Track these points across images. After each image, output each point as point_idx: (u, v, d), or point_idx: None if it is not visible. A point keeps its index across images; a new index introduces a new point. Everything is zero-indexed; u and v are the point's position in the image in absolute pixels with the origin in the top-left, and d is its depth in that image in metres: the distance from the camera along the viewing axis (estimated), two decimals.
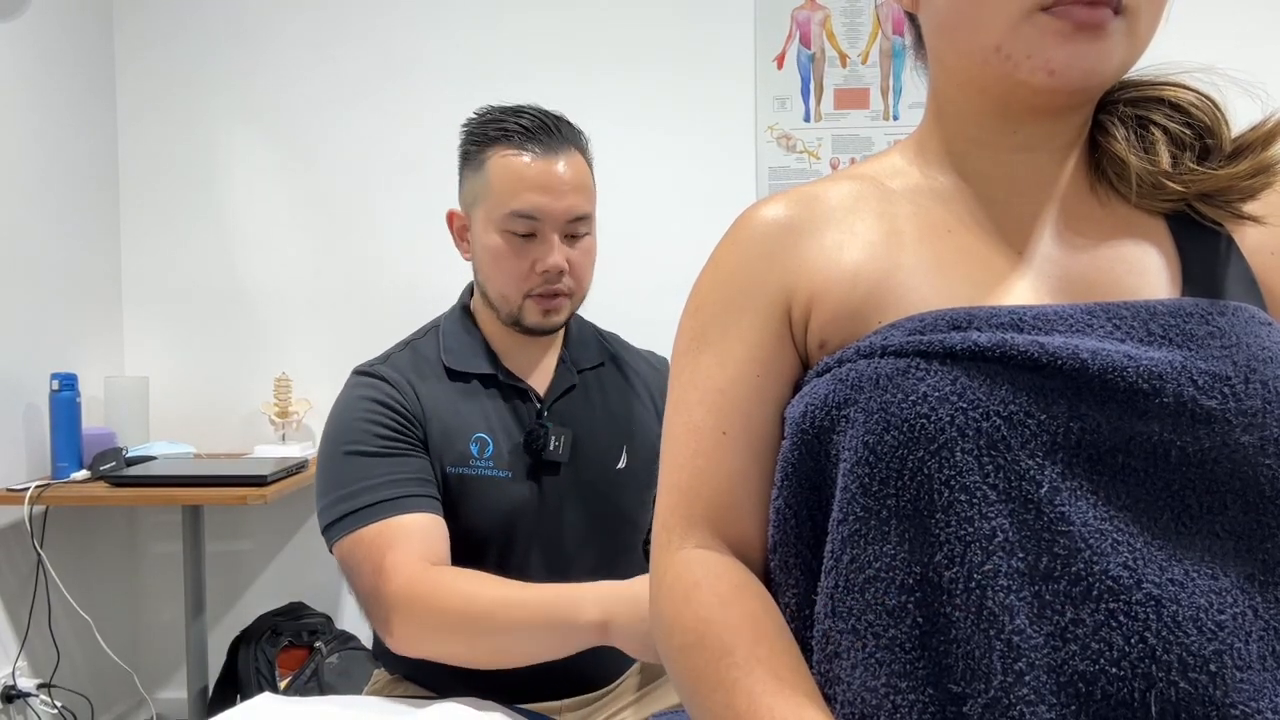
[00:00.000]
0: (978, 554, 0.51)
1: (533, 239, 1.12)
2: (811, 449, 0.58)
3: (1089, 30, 0.55)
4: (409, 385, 1.12)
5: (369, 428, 1.08)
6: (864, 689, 0.53)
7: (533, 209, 1.11)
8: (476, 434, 1.12)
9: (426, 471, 1.08)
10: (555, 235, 1.13)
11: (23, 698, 2.04)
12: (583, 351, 1.25)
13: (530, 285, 1.13)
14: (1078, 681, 0.48)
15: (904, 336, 0.56)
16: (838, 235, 0.64)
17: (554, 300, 1.15)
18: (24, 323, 2.12)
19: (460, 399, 1.14)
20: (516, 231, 1.12)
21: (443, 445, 1.11)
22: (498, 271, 1.14)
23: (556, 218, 1.12)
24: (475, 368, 1.16)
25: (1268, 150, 0.60)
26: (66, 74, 2.29)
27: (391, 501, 1.03)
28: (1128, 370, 0.52)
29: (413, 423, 1.10)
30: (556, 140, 1.13)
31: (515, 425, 1.15)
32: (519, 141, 1.12)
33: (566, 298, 1.16)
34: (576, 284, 1.17)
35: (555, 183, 1.12)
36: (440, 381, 1.15)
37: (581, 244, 1.16)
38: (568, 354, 1.23)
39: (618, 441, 1.20)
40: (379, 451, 1.06)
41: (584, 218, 1.15)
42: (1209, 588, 0.50)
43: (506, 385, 1.17)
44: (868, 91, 2.51)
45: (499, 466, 1.12)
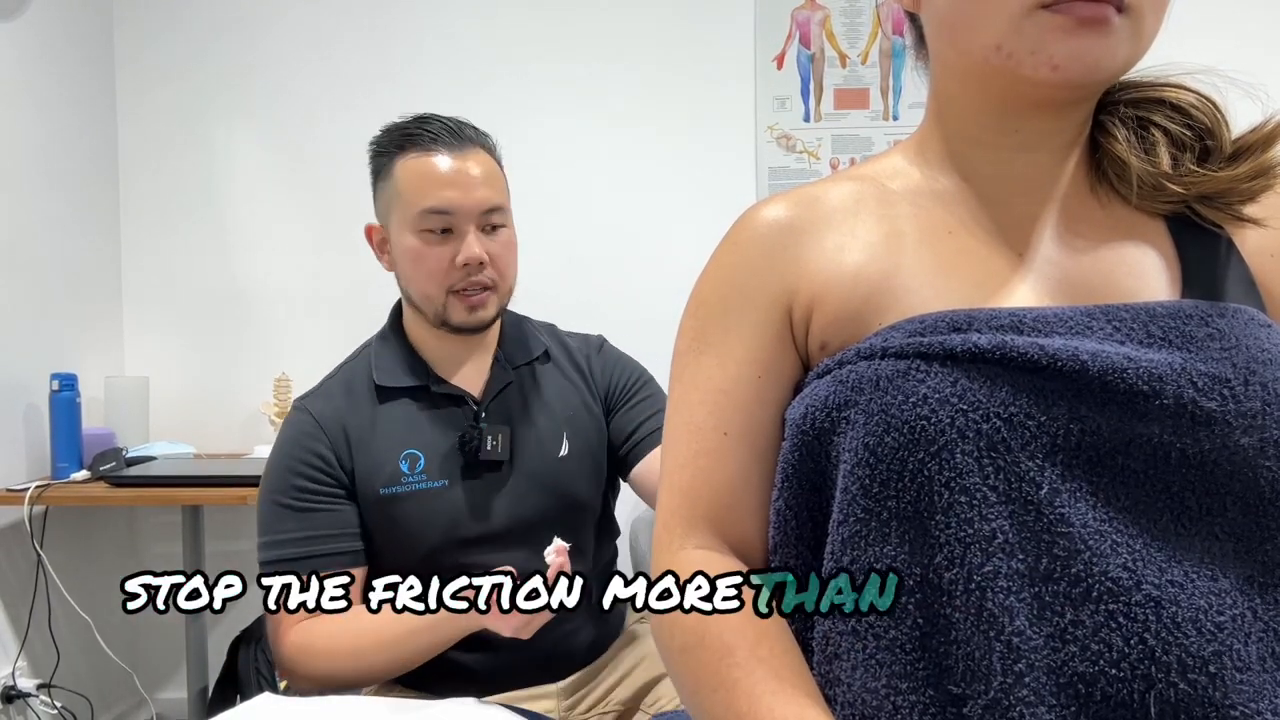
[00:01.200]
0: (978, 555, 0.51)
1: (449, 235, 1.13)
2: (812, 450, 0.58)
3: (1091, 25, 0.54)
4: (336, 420, 1.14)
5: (290, 479, 1.12)
6: (864, 690, 0.53)
7: (445, 204, 1.12)
8: (406, 450, 1.14)
9: (335, 523, 1.11)
10: (471, 228, 1.13)
11: (23, 698, 2.04)
12: (517, 347, 1.25)
13: (452, 280, 1.14)
14: (1077, 683, 0.48)
15: (904, 338, 0.56)
16: (838, 237, 0.64)
17: (479, 295, 1.15)
18: (24, 323, 2.12)
19: (389, 420, 1.16)
20: (432, 229, 1.13)
21: (372, 471, 1.13)
22: (418, 272, 1.14)
23: (469, 211, 1.13)
24: (405, 381, 1.18)
25: (1268, 152, 0.60)
26: (66, 73, 2.29)
27: (294, 560, 1.10)
28: (1128, 372, 0.52)
29: (333, 466, 1.13)
30: (462, 141, 1.15)
31: (448, 431, 1.16)
32: (425, 145, 1.14)
33: (491, 291, 1.16)
34: (500, 276, 1.17)
35: (464, 178, 1.13)
36: (370, 405, 1.16)
37: (500, 236, 1.16)
38: (502, 352, 1.23)
39: (557, 430, 1.21)
40: (294, 505, 1.11)
41: (498, 209, 1.15)
42: (1208, 589, 0.50)
43: (439, 395, 1.18)
44: (868, 91, 2.51)
45: (432, 477, 1.14)
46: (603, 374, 1.28)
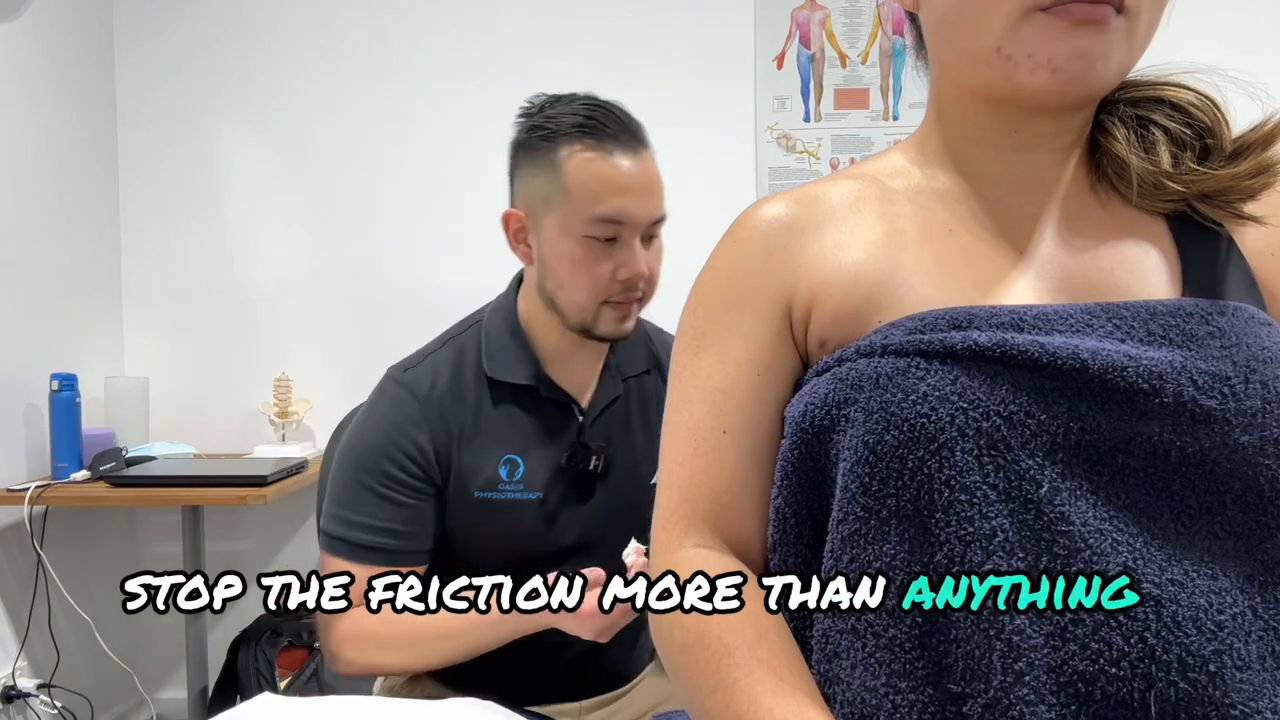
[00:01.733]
0: (978, 554, 0.51)
1: (613, 244, 1.07)
2: (811, 448, 0.58)
3: (1089, 25, 0.54)
4: (440, 409, 1.09)
5: (382, 463, 1.07)
6: (863, 688, 0.53)
7: (620, 213, 1.05)
8: (506, 456, 1.10)
9: (422, 520, 1.08)
10: (638, 240, 1.07)
11: (23, 698, 2.04)
12: (630, 357, 1.20)
13: (610, 293, 1.08)
14: (1077, 681, 0.48)
15: (904, 336, 0.56)
16: (838, 235, 0.64)
17: (630, 306, 1.10)
18: (24, 323, 2.12)
19: (494, 416, 1.11)
20: (599, 237, 1.06)
21: (470, 472, 1.09)
22: (576, 279, 1.07)
23: (642, 221, 1.07)
24: (516, 377, 1.12)
25: (1268, 150, 0.60)
26: (66, 73, 2.29)
27: (370, 549, 1.07)
28: (1128, 370, 0.52)
29: (430, 461, 1.08)
30: (637, 141, 1.08)
31: (551, 442, 1.12)
32: (602, 140, 1.05)
33: (639, 302, 1.11)
34: (650, 288, 1.12)
35: (640, 185, 1.06)
36: (476, 397, 1.11)
37: (654, 246, 1.12)
38: (614, 361, 1.18)
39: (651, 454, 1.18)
40: (382, 493, 1.07)
41: (662, 219, 1.10)
42: (1209, 588, 0.50)
43: (547, 399, 1.13)
44: (867, 91, 2.51)
45: (529, 488, 1.10)
46: None
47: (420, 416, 1.08)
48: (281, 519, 2.52)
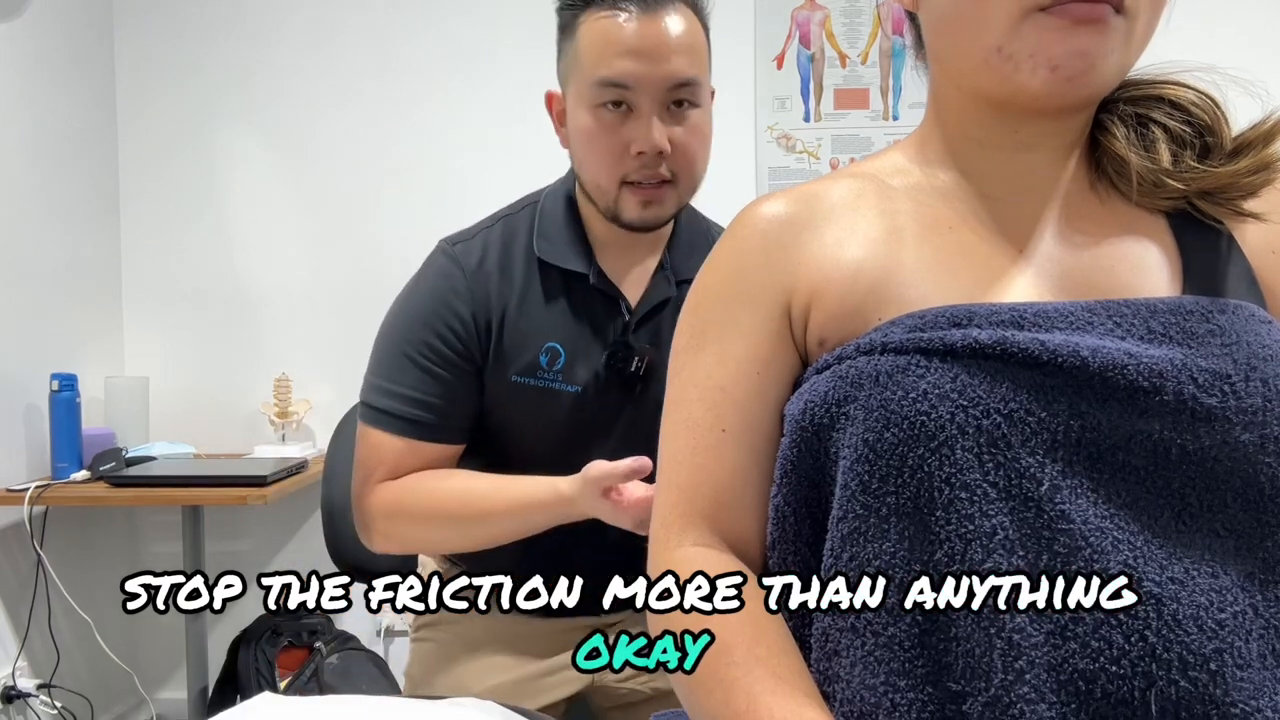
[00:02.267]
0: (978, 552, 0.51)
1: (629, 114, 0.97)
2: (811, 446, 0.58)
3: (1089, 24, 0.54)
4: (487, 284, 1.05)
5: (424, 334, 1.04)
6: (863, 687, 0.53)
7: (622, 75, 0.95)
8: (549, 343, 1.05)
9: (461, 396, 1.05)
10: (652, 108, 0.96)
11: (23, 698, 2.04)
12: (687, 258, 1.10)
13: (625, 170, 0.99)
14: (1078, 680, 0.48)
15: (904, 333, 0.56)
16: (838, 232, 0.63)
17: (656, 190, 1.00)
18: (24, 323, 2.12)
19: (540, 300, 1.06)
20: (606, 104, 0.97)
21: (510, 354, 1.05)
22: (589, 155, 1.00)
23: (653, 85, 0.95)
24: (567, 263, 1.06)
25: (1268, 148, 0.60)
26: (66, 74, 2.29)
27: (409, 421, 1.04)
28: (1128, 368, 0.52)
29: (471, 335, 1.04)
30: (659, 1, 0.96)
31: (595, 337, 1.06)
32: (614, 2, 0.96)
33: (670, 186, 1.00)
34: (683, 170, 1.01)
35: (651, 44, 0.95)
36: (524, 276, 1.06)
37: (689, 119, 0.99)
38: (669, 259, 1.09)
39: None
40: (423, 365, 1.04)
41: (688, 83, 0.97)
42: (1209, 586, 0.50)
43: (596, 290, 1.06)
44: (867, 91, 2.51)
45: (568, 380, 1.05)
46: None
47: (466, 290, 1.04)
48: (281, 519, 2.52)
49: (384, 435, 1.05)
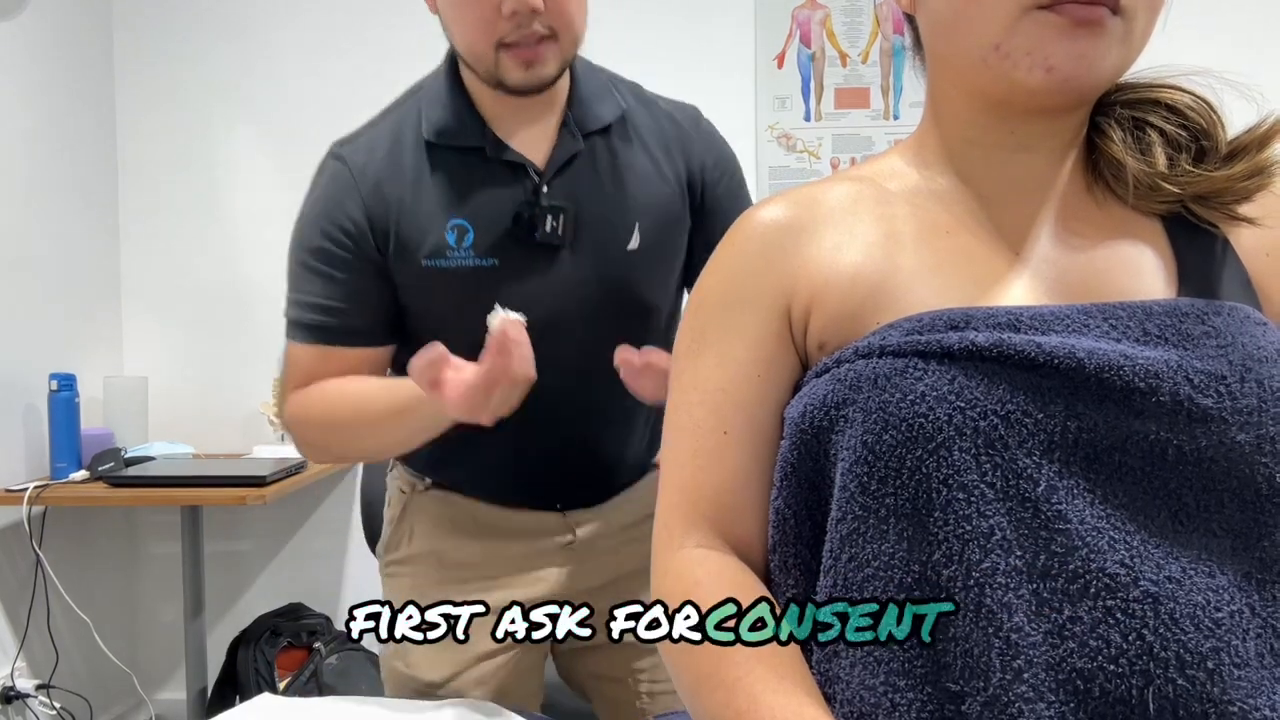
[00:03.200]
0: (976, 552, 0.51)
1: None
2: (810, 449, 0.59)
3: (1087, 26, 0.55)
4: (376, 177, 1.02)
5: (318, 240, 1.02)
6: (863, 687, 0.53)
7: None
8: (454, 220, 1.00)
9: (364, 297, 1.02)
10: None
11: (22, 698, 2.04)
12: (590, 109, 1.05)
13: (500, 33, 0.94)
14: (1076, 679, 0.49)
15: (902, 336, 0.56)
16: (837, 236, 0.64)
17: (535, 49, 0.95)
18: (24, 323, 2.12)
19: (437, 182, 1.02)
20: None
21: (415, 239, 1.01)
22: (460, 21, 0.96)
23: None
24: (459, 140, 1.02)
25: (1263, 152, 0.60)
26: (66, 74, 2.30)
27: (313, 328, 1.03)
28: (1124, 369, 0.52)
29: (365, 232, 1.01)
30: None
31: (506, 207, 1.01)
32: None
33: (551, 41, 0.96)
34: (561, 24, 0.96)
35: None
36: (416, 163, 1.02)
37: None
38: (571, 115, 1.04)
39: (629, 217, 1.04)
40: (321, 270, 1.02)
41: None
42: (1206, 585, 0.50)
43: (495, 160, 1.02)
44: (868, 91, 2.51)
45: (481, 254, 1.00)
46: (697, 155, 1.10)
47: (354, 188, 1.02)
48: (281, 519, 2.52)
49: (295, 346, 1.06)
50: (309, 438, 1.06)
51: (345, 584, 2.54)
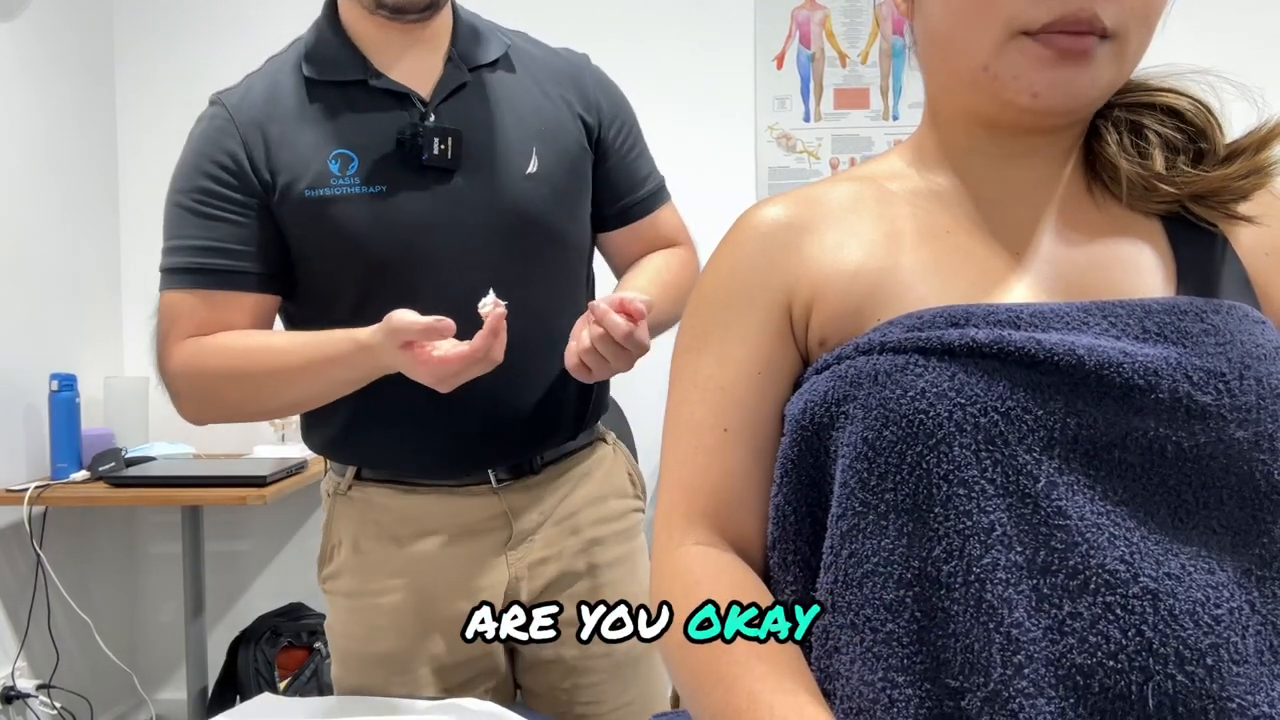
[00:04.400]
0: (976, 548, 0.51)
1: None
2: (811, 445, 0.59)
3: (1073, 58, 0.55)
4: (254, 116, 1.01)
5: (196, 179, 1.01)
6: (862, 683, 0.53)
7: None
8: (336, 150, 0.99)
9: (249, 237, 0.99)
10: None
11: (22, 698, 2.04)
12: (473, 45, 1.05)
13: None
14: (1076, 674, 0.49)
15: (902, 333, 0.57)
16: (838, 235, 0.64)
17: None
18: (24, 323, 2.12)
19: (318, 116, 1.00)
20: None
21: (296, 172, 0.99)
22: None
23: None
24: (339, 73, 1.01)
25: (1261, 153, 0.60)
26: (66, 73, 2.30)
27: (197, 271, 1.01)
28: (1124, 366, 0.53)
29: (245, 170, 0.99)
30: None
31: (391, 133, 0.99)
32: None
33: None
34: None
35: None
36: (297, 101, 1.01)
37: None
38: (455, 51, 1.04)
39: (525, 143, 1.03)
40: (202, 210, 1.00)
41: None
42: (1206, 581, 0.50)
43: (379, 91, 1.01)
44: (868, 91, 2.51)
45: (368, 182, 0.98)
46: (590, 92, 1.10)
47: (231, 125, 1.01)
48: (281, 519, 2.52)
49: (175, 294, 1.03)
50: (198, 390, 1.00)
51: None
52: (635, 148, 1.14)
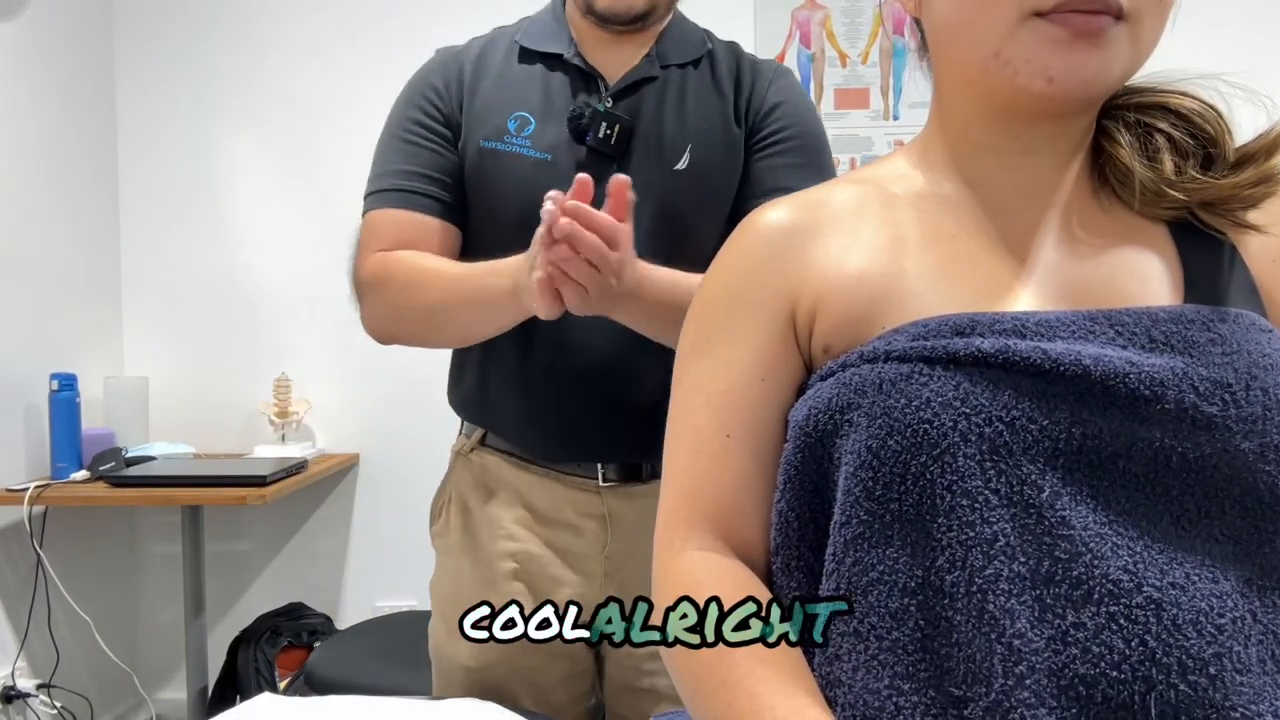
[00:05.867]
0: (979, 558, 0.51)
1: None
2: (814, 452, 0.59)
3: (1087, 38, 0.55)
4: (462, 58, 1.10)
5: (408, 111, 1.09)
6: (866, 691, 0.53)
7: None
8: (518, 111, 1.06)
9: (437, 166, 1.07)
10: None
11: (22, 698, 2.04)
12: (675, 45, 1.10)
13: None
14: (1078, 684, 0.49)
15: (908, 341, 0.56)
16: (842, 240, 0.64)
17: None
18: (24, 323, 2.12)
19: (515, 75, 1.08)
20: None
21: (479, 119, 1.07)
22: None
23: None
24: (545, 46, 1.09)
25: (1271, 159, 0.60)
26: (66, 73, 2.29)
27: (399, 191, 1.06)
28: (1129, 376, 0.52)
29: (446, 102, 1.07)
30: None
31: (568, 106, 1.06)
32: None
33: None
34: None
35: None
36: (504, 59, 1.10)
37: None
38: (657, 49, 1.09)
39: (682, 140, 1.07)
40: (409, 139, 1.08)
41: None
42: (1209, 591, 0.50)
43: (573, 67, 1.07)
44: (868, 91, 2.51)
45: (537, 147, 1.05)
46: (762, 93, 1.11)
47: (441, 66, 1.10)
48: (281, 519, 2.52)
49: (377, 213, 1.07)
50: (386, 297, 1.04)
51: (345, 584, 2.54)
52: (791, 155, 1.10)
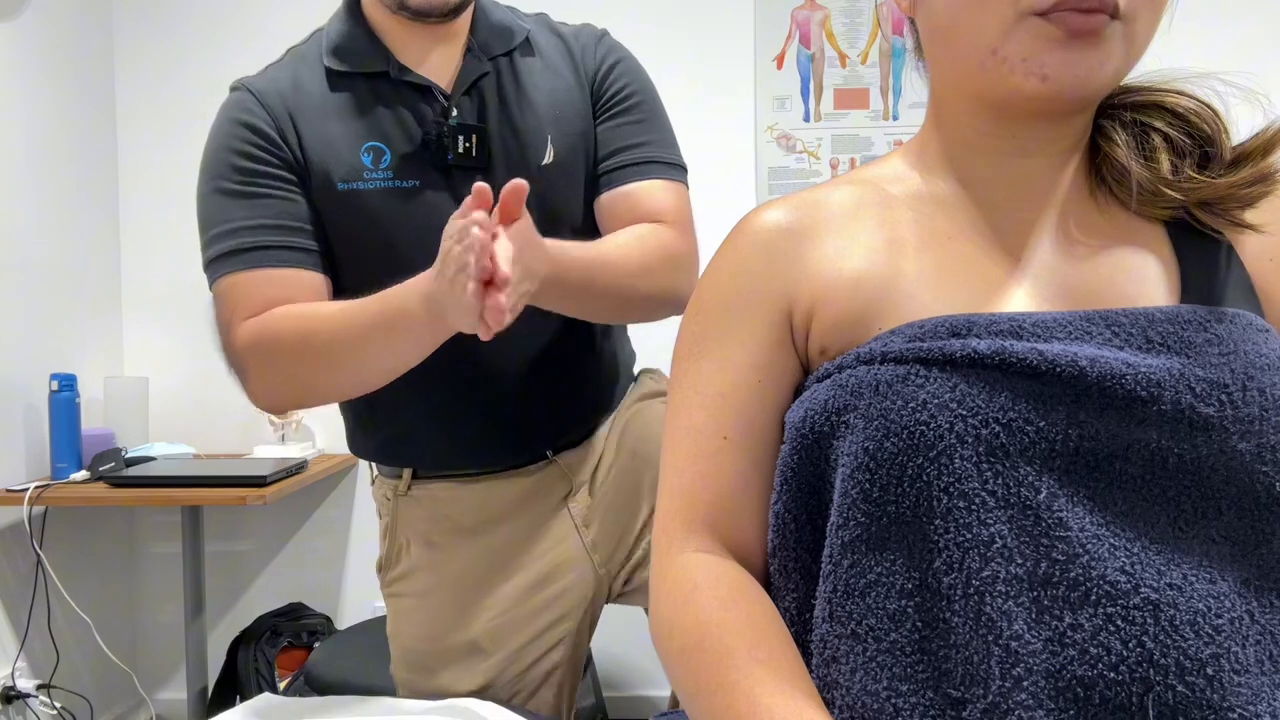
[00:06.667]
0: (976, 560, 0.51)
1: None
2: (811, 454, 0.59)
3: (1083, 37, 0.55)
4: (280, 100, 0.99)
5: (232, 160, 0.97)
6: (864, 693, 0.53)
7: None
8: (368, 143, 0.98)
9: (288, 214, 0.97)
10: None
11: (22, 698, 2.04)
12: (494, 34, 1.05)
13: None
14: (1076, 686, 0.49)
15: (904, 343, 0.56)
16: (839, 241, 0.64)
17: None
18: (24, 323, 2.12)
19: (345, 107, 1.00)
20: None
21: (329, 162, 0.98)
22: None
23: None
24: (362, 65, 1.01)
25: (1267, 159, 0.60)
26: (66, 74, 2.29)
27: (251, 250, 0.95)
28: (1126, 378, 0.52)
29: (279, 146, 0.97)
30: None
31: (416, 129, 1.00)
32: None
33: None
34: None
35: None
36: (320, 91, 1.00)
37: None
38: (475, 41, 1.04)
39: (540, 133, 1.03)
40: (241, 191, 0.96)
41: None
42: (1207, 592, 0.50)
43: (402, 84, 1.00)
44: (867, 91, 2.51)
45: (401, 176, 0.98)
46: (595, 60, 1.08)
47: (257, 105, 0.98)
48: (281, 519, 2.52)
49: (232, 277, 0.96)
50: (273, 364, 0.95)
51: (345, 584, 2.54)
52: (631, 114, 1.09)
